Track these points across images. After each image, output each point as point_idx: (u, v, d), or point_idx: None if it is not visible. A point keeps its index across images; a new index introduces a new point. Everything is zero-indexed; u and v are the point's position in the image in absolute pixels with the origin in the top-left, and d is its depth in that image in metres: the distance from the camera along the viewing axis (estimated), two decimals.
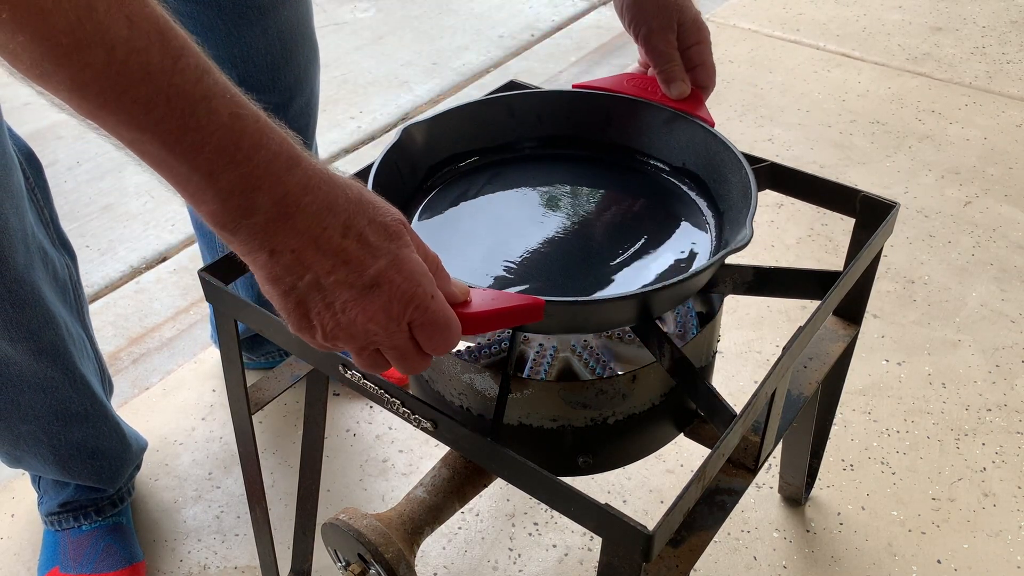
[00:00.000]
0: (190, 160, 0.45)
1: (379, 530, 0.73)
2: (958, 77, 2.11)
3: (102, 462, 1.06)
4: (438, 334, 0.54)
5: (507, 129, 0.87)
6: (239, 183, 0.46)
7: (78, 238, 1.75)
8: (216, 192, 0.46)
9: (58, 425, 0.99)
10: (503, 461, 0.63)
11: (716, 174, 0.80)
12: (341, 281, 0.50)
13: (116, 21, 0.41)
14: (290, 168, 0.48)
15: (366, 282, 0.50)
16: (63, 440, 1.00)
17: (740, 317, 1.44)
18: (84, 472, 1.04)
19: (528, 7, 2.69)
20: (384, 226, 0.52)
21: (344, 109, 2.19)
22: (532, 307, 0.60)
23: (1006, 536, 1.11)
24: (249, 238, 0.48)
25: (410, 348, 0.54)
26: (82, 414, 1.01)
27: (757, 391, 0.64)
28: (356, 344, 0.53)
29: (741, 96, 2.06)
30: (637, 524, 0.55)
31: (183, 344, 1.46)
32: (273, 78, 1.01)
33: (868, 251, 0.78)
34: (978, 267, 1.54)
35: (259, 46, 0.98)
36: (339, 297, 0.51)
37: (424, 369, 0.57)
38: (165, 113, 0.43)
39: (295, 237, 0.49)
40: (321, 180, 0.49)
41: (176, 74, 0.43)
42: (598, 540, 0.62)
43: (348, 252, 0.50)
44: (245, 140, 0.46)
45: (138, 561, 1.09)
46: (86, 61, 0.41)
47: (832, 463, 1.20)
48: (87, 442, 1.03)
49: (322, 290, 0.50)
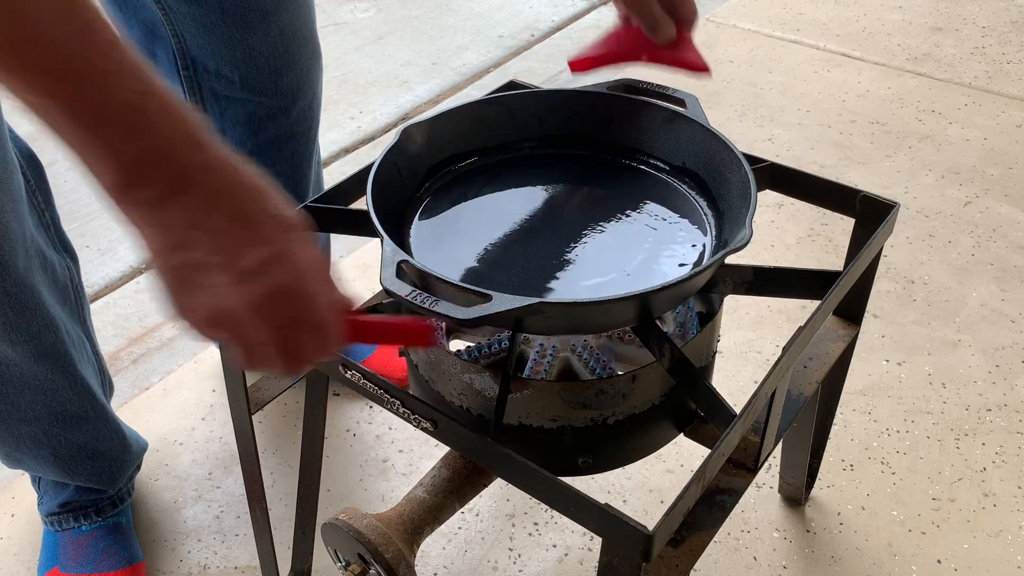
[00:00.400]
0: (92, 130, 0.46)
1: (379, 530, 0.73)
2: (958, 77, 2.11)
3: (102, 463, 1.06)
4: (315, 334, 0.52)
5: (507, 129, 0.87)
6: (137, 157, 0.47)
7: (78, 238, 1.75)
8: (116, 164, 0.47)
9: (58, 427, 0.99)
10: (503, 461, 0.63)
11: (716, 174, 0.80)
12: (223, 264, 0.49)
13: None
14: (191, 149, 0.48)
15: (249, 267, 0.49)
16: (63, 442, 1.00)
17: (740, 317, 1.44)
18: (84, 473, 1.05)
19: (528, 7, 2.69)
20: (279, 217, 0.51)
21: (344, 109, 2.19)
22: (421, 329, 0.58)
23: (1006, 536, 1.11)
24: (141, 210, 0.49)
25: (285, 344, 0.52)
26: (82, 416, 1.01)
27: (757, 391, 0.64)
28: (232, 334, 0.51)
29: (741, 96, 2.06)
30: (637, 524, 0.55)
31: (183, 344, 1.46)
32: (275, 81, 1.01)
33: (868, 251, 0.78)
34: (978, 267, 1.54)
35: (261, 49, 0.98)
36: (219, 281, 0.49)
37: (301, 371, 0.55)
38: (72, 84, 0.44)
39: (184, 214, 0.48)
40: (223, 165, 0.49)
41: (88, 47, 0.44)
42: (598, 540, 0.62)
43: (235, 236, 0.49)
44: (149, 117, 0.47)
45: (138, 561, 1.10)
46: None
47: (832, 463, 1.20)
48: (87, 444, 1.03)
49: (203, 271, 0.49)
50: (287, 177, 1.10)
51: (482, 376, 0.71)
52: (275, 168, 1.08)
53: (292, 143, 1.08)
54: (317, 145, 1.15)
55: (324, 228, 0.82)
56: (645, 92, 0.87)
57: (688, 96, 0.85)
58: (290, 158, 1.09)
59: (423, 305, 0.60)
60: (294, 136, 1.07)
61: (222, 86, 1.00)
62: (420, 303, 0.60)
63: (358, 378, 0.70)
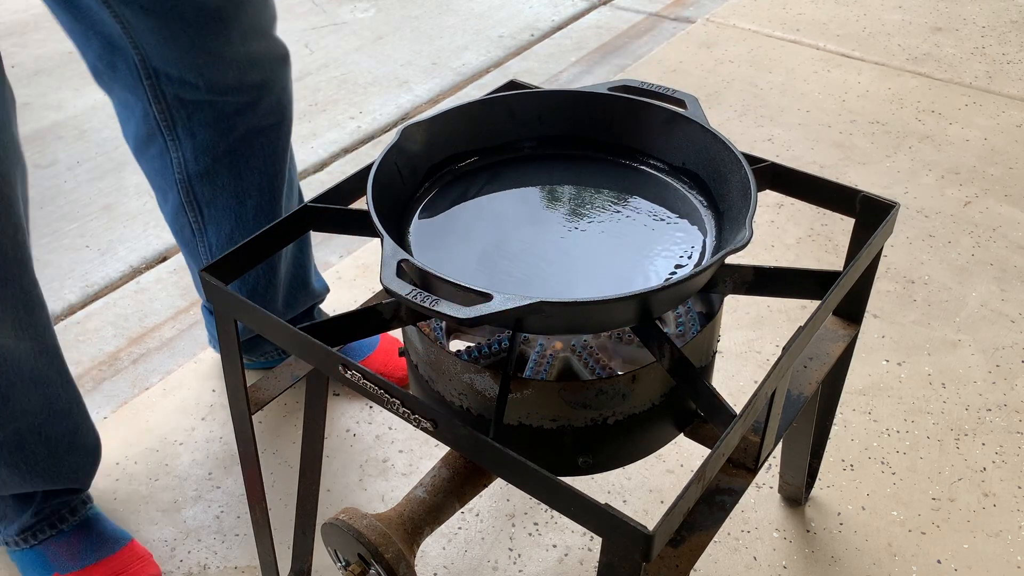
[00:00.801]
0: None
1: (379, 530, 0.73)
2: (958, 77, 2.11)
3: (79, 458, 1.08)
4: None
5: (507, 129, 0.87)
6: None
7: (78, 238, 1.75)
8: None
9: (43, 417, 1.01)
10: (503, 461, 0.63)
11: (716, 174, 0.80)
12: None
13: None
14: None
15: None
16: (45, 436, 1.02)
17: (740, 317, 1.44)
18: (64, 470, 1.06)
19: (528, 7, 2.69)
20: None
21: (344, 109, 2.19)
22: None
23: (1006, 536, 1.11)
24: None
25: None
26: (67, 410, 1.05)
27: (757, 391, 0.64)
28: None
29: (741, 96, 2.06)
30: (637, 524, 0.55)
31: (183, 344, 1.46)
32: (240, 80, 1.02)
33: (868, 251, 0.78)
34: (978, 267, 1.54)
35: (224, 53, 0.98)
36: None
37: None
38: None
39: None
40: None
41: None
42: (598, 540, 0.62)
43: None
44: None
45: (131, 538, 1.12)
46: None
47: (832, 463, 1.20)
48: (68, 437, 1.05)
49: None
50: (262, 173, 1.10)
51: (482, 376, 0.71)
52: (249, 165, 1.08)
53: (263, 138, 1.08)
54: (291, 148, 1.15)
55: (324, 228, 0.82)
56: (645, 93, 0.87)
57: (688, 96, 0.85)
58: (263, 153, 1.09)
59: (423, 304, 0.60)
60: (264, 131, 1.08)
61: (187, 92, 1.00)
62: (420, 302, 0.60)
63: (358, 378, 0.70)
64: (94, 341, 1.48)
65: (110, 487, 1.22)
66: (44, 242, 1.75)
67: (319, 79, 2.33)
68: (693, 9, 2.52)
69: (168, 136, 1.03)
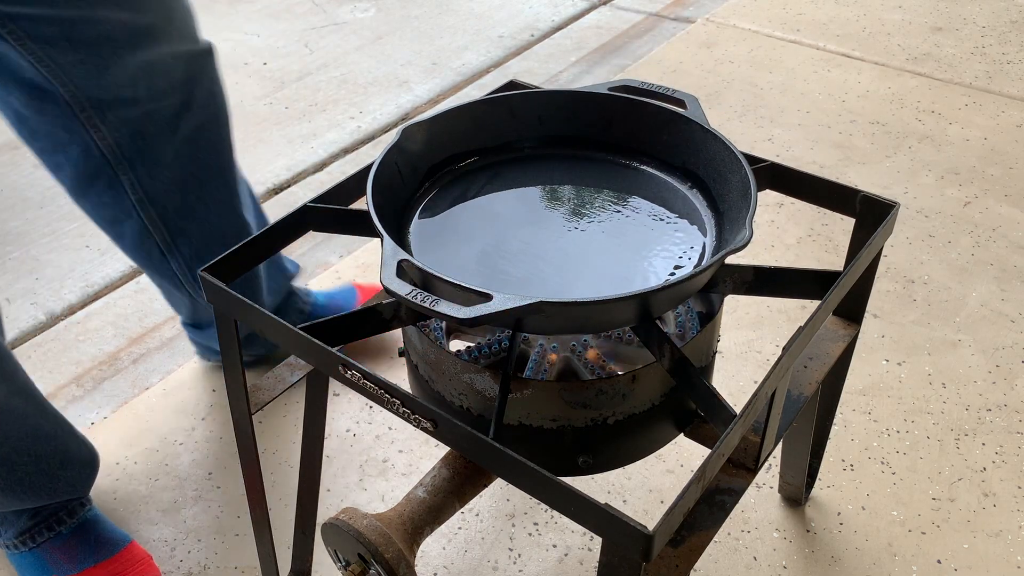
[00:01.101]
0: None
1: (379, 530, 0.73)
2: (958, 77, 2.11)
3: (76, 472, 1.08)
4: None
5: (507, 129, 0.87)
6: None
7: (78, 238, 1.75)
8: None
9: (29, 442, 1.02)
10: (503, 461, 0.63)
11: (716, 174, 0.80)
12: None
13: None
14: None
15: None
16: (35, 456, 1.03)
17: (740, 317, 1.44)
18: (60, 486, 1.07)
19: (528, 7, 2.69)
20: None
21: (344, 109, 2.19)
22: None
23: (1006, 536, 1.11)
24: None
25: None
26: (52, 434, 1.06)
27: (757, 391, 0.64)
28: None
29: (741, 96, 2.06)
30: (637, 524, 0.55)
31: (183, 344, 1.46)
32: (170, 82, 1.01)
33: (868, 251, 0.78)
34: (978, 267, 1.54)
35: (154, 61, 0.98)
36: None
37: None
38: None
39: None
40: None
41: None
42: (598, 540, 0.62)
43: None
44: None
45: (131, 540, 1.12)
46: None
47: (832, 463, 1.20)
48: (58, 454, 1.06)
49: None
50: (211, 168, 1.10)
51: (482, 376, 0.71)
52: (200, 162, 1.09)
53: (207, 133, 1.08)
54: (231, 138, 1.14)
55: (324, 228, 0.82)
56: (645, 93, 0.87)
57: (688, 96, 0.85)
58: (210, 148, 1.09)
59: (423, 304, 0.60)
60: (205, 126, 1.08)
61: (125, 109, 1.00)
62: (420, 302, 0.60)
63: (358, 378, 0.70)
64: (94, 341, 1.48)
65: (110, 487, 1.22)
66: (44, 242, 1.75)
67: (319, 79, 2.33)
68: (693, 9, 2.52)
69: (115, 162, 1.03)
